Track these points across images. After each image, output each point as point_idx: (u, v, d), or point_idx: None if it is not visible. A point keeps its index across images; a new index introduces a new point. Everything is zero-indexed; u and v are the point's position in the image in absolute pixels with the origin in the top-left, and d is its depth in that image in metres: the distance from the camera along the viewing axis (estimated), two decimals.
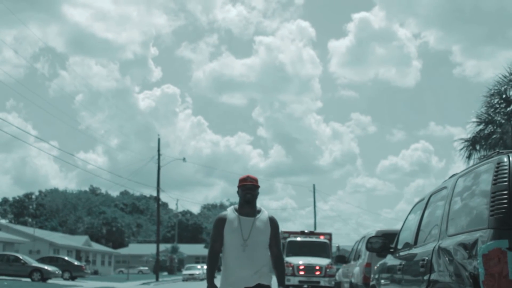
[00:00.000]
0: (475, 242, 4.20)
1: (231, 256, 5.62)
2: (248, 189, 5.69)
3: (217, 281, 5.76)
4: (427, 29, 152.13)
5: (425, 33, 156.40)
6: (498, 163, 4.53)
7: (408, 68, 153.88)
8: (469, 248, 4.31)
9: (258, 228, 5.62)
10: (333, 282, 20.05)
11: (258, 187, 5.77)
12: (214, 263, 5.79)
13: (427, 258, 5.33)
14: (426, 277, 5.26)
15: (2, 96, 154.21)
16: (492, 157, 4.83)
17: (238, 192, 5.78)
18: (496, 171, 4.46)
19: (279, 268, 5.79)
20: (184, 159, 55.65)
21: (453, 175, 5.76)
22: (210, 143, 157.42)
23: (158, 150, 51.41)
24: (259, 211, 5.76)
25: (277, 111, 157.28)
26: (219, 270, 5.75)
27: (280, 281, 5.76)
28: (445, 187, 5.75)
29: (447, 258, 4.78)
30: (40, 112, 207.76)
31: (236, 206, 5.84)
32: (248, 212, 5.71)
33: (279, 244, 5.84)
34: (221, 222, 5.73)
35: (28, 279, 34.58)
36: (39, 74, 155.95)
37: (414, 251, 6.17)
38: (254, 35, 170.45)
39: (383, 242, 7.67)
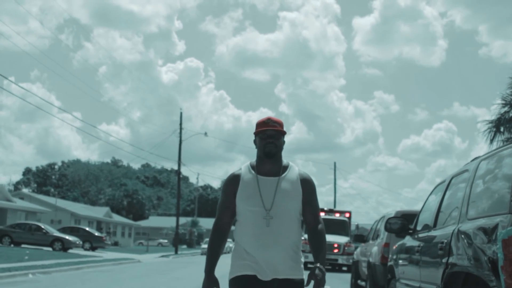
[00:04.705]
0: (495, 227, 4.15)
1: (248, 233, 3.95)
2: (270, 136, 4.01)
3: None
4: (453, 7, 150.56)
5: (451, 11, 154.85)
6: None
7: (433, 47, 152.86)
8: (488, 232, 4.26)
9: (285, 191, 3.97)
10: (351, 260, 20.07)
11: (283, 133, 4.06)
12: (217, 244, 4.07)
13: (446, 240, 5.29)
14: (444, 260, 5.23)
15: (26, 66, 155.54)
16: None
17: (255, 142, 4.12)
18: None
19: (317, 243, 4.03)
20: (205, 134, 55.76)
21: (475, 158, 5.69)
22: (232, 118, 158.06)
23: (180, 124, 51.57)
24: (285, 168, 4.08)
25: (299, 88, 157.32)
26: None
27: (318, 257, 3.97)
28: (466, 170, 5.68)
29: (466, 242, 4.74)
30: (64, 83, 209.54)
31: (253, 162, 4.14)
32: (270, 170, 4.04)
33: (317, 211, 4.11)
34: (233, 184, 4.05)
35: (49, 248, 35.10)
36: (64, 46, 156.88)
37: (433, 233, 6.13)
38: (278, 11, 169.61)
39: (402, 223, 7.66)
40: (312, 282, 3.92)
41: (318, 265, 3.91)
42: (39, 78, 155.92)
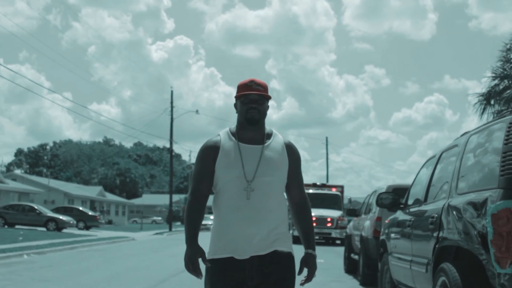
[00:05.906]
0: (485, 201, 4.20)
1: (228, 206, 3.50)
2: (253, 101, 3.54)
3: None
4: None
5: None
6: (511, 123, 4.43)
7: (423, 21, 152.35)
8: (478, 207, 4.31)
9: (269, 161, 3.52)
10: (344, 234, 20.20)
11: (268, 98, 3.61)
12: (197, 213, 3.54)
13: (436, 215, 5.35)
14: (435, 234, 5.29)
15: (15, 48, 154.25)
16: (505, 116, 4.76)
17: (235, 106, 3.66)
18: (508, 131, 4.38)
19: (305, 222, 3.66)
20: (197, 111, 55.49)
21: (465, 133, 5.73)
22: (223, 95, 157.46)
23: (171, 102, 51.39)
24: (269, 136, 3.64)
25: (290, 63, 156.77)
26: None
27: (308, 242, 3.62)
28: (456, 145, 5.72)
29: (456, 216, 4.79)
30: (53, 64, 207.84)
31: (233, 128, 3.67)
32: (252, 137, 3.58)
33: (302, 184, 3.71)
34: (212, 151, 3.58)
35: (44, 229, 35.12)
36: (52, 26, 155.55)
37: (424, 207, 6.18)
38: None
39: (393, 198, 7.72)
40: (305, 270, 3.61)
41: (310, 251, 3.62)
42: (28, 59, 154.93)
